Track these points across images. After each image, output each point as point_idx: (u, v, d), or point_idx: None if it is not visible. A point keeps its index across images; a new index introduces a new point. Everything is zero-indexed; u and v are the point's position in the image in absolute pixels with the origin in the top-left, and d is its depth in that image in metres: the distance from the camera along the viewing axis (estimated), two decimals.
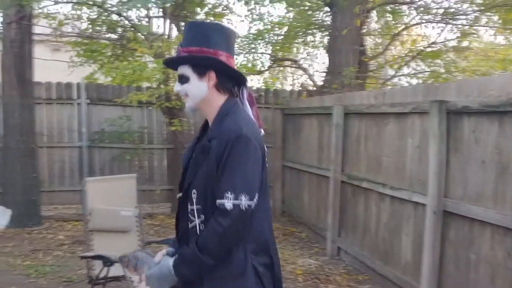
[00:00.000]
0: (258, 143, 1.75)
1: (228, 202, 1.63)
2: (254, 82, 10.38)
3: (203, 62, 1.78)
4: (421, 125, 4.14)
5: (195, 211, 1.73)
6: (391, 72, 9.22)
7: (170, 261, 1.74)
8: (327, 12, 8.60)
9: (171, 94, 6.83)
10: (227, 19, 9.03)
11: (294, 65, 10.09)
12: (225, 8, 8.58)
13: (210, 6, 8.37)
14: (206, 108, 1.84)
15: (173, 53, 6.62)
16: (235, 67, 1.92)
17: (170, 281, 1.74)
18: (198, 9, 8.08)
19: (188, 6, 7.62)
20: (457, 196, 3.66)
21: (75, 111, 7.75)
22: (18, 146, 6.63)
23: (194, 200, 1.74)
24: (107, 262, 3.42)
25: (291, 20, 9.41)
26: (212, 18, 8.43)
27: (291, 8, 9.23)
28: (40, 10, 7.11)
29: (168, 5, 6.88)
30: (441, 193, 3.76)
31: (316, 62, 11.73)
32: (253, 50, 9.35)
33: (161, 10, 7.62)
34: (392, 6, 8.43)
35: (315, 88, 8.63)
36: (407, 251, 4.34)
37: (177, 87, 1.85)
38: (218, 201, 1.64)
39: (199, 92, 1.80)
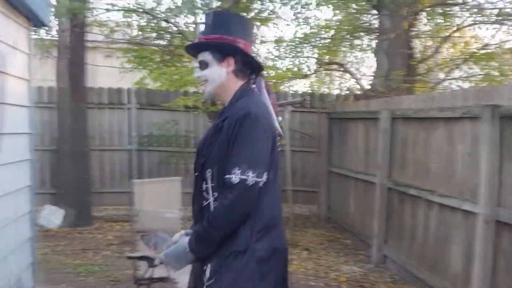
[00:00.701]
0: (269, 124, 1.81)
1: (235, 177, 1.68)
2: (299, 86, 10.35)
3: (223, 48, 1.87)
4: (472, 130, 3.96)
5: (210, 189, 1.79)
6: (441, 75, 8.91)
7: (186, 239, 1.80)
8: (374, 14, 8.44)
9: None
10: (273, 24, 9.06)
11: (340, 69, 9.96)
12: (271, 12, 8.59)
13: (256, 11, 8.42)
14: (223, 93, 1.92)
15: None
16: (252, 52, 1.98)
17: (186, 259, 1.80)
18: (244, 14, 8.14)
19: (235, 11, 7.69)
20: (511, 205, 3.47)
21: (125, 116, 8.01)
22: (71, 149, 6.92)
23: (209, 179, 1.79)
24: (152, 263, 3.49)
25: (338, 23, 9.30)
26: (258, 23, 8.47)
27: (337, 11, 9.13)
28: (92, 18, 7.40)
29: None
30: (494, 202, 3.59)
31: (363, 65, 11.53)
32: (299, 54, 9.32)
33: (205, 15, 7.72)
34: (443, 7, 8.16)
35: (362, 92, 8.48)
36: (456, 261, 4.16)
37: (197, 73, 1.94)
38: (226, 176, 1.70)
39: (218, 77, 1.89)
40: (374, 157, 5.89)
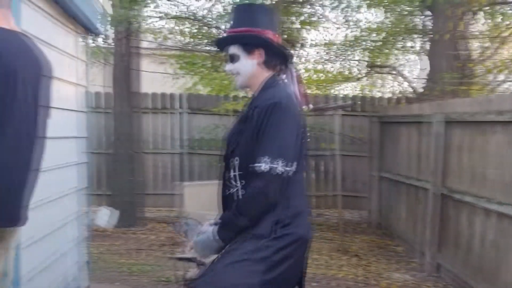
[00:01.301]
0: (297, 114, 1.81)
1: (264, 165, 1.69)
2: (350, 89, 10.21)
3: (252, 40, 1.89)
4: None
5: (237, 177, 1.81)
6: (500, 77, 8.49)
7: (214, 228, 1.83)
8: (428, 15, 8.19)
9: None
10: (323, 27, 9.00)
11: (392, 72, 9.73)
12: (320, 16, 8.54)
13: (306, 15, 8.40)
14: (254, 84, 1.94)
15: None
16: (280, 43, 2.01)
17: (214, 248, 1.83)
18: (294, 19, 8.15)
19: (283, 16, 7.71)
20: None
21: (177, 120, 8.23)
22: (126, 152, 7.18)
23: (237, 167, 1.81)
24: (201, 264, 3.55)
25: (389, 25, 9.10)
26: (308, 27, 8.45)
27: (389, 14, 8.93)
28: (146, 26, 7.65)
29: None
30: None
31: (416, 68, 11.20)
32: (349, 57, 9.21)
33: None
34: (501, 6, 7.79)
35: (414, 95, 8.25)
36: None
37: (228, 66, 1.97)
38: (256, 165, 1.70)
39: (248, 69, 1.91)
40: (426, 162, 5.70)
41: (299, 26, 8.21)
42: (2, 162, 1.82)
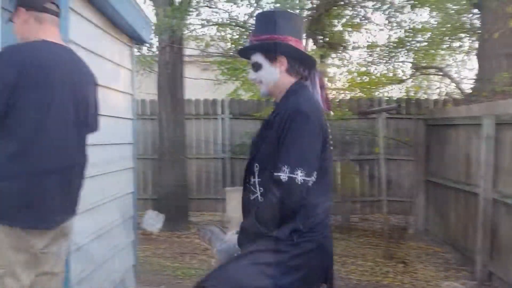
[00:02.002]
0: (319, 122, 1.76)
1: (283, 175, 1.66)
2: (394, 92, 10.00)
3: (274, 48, 1.86)
4: None
5: (257, 183, 1.79)
6: None
7: (236, 237, 1.82)
8: (475, 14, 7.91)
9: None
10: (366, 29, 8.88)
11: (439, 73, 9.46)
12: (363, 18, 8.43)
13: (347, 17, 8.32)
14: (277, 91, 1.91)
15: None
16: (304, 50, 1.96)
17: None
18: (336, 21, 8.09)
19: (325, 19, 7.67)
20: None
21: (219, 125, 8.34)
22: (171, 157, 7.33)
23: (256, 173, 1.80)
24: None
25: (435, 25, 8.86)
26: (350, 29, 8.37)
27: (434, 13, 8.70)
28: (189, 34, 7.81)
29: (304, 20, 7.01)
30: None
31: (464, 68, 10.83)
32: (393, 59, 9.04)
33: None
34: None
35: (462, 97, 7.98)
36: None
37: (251, 75, 1.95)
38: (275, 174, 1.68)
39: (271, 77, 1.89)
40: (476, 166, 5.49)
41: (341, 29, 8.14)
42: (34, 167, 1.91)
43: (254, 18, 2.03)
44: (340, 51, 8.68)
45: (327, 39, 8.04)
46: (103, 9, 3.27)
